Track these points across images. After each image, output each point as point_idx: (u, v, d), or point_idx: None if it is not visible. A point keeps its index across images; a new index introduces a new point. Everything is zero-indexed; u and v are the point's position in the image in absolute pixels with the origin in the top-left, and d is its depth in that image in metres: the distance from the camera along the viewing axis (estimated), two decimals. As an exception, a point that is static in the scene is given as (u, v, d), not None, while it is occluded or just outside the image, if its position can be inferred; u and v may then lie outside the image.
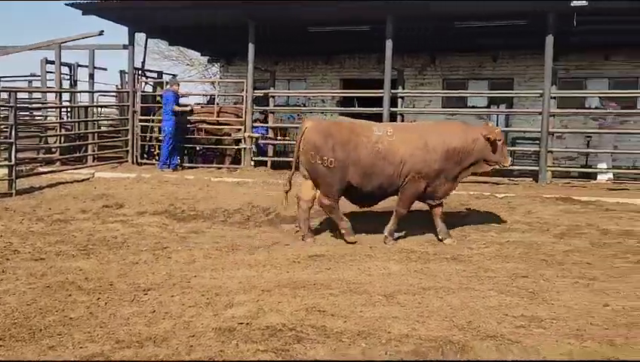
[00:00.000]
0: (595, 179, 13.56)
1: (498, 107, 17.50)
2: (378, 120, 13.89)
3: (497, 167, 7.84)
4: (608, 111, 13.85)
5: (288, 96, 19.68)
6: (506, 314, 4.74)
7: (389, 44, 13.16)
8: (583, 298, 5.20)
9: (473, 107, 17.61)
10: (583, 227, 8.24)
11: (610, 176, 13.54)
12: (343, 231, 7.52)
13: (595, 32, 14.40)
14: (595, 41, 15.51)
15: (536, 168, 12.58)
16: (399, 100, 13.96)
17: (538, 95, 12.86)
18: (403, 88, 15.09)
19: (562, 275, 5.98)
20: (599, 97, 15.68)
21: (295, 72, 19.88)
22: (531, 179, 12.67)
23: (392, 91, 13.49)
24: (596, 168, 14.03)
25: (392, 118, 13.60)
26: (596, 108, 15.78)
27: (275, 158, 14.80)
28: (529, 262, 6.52)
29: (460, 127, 7.76)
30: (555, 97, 12.84)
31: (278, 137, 16.10)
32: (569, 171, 14.16)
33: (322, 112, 19.02)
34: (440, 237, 7.57)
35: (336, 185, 7.41)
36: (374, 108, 13.42)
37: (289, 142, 17.32)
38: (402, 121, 14.49)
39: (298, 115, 19.48)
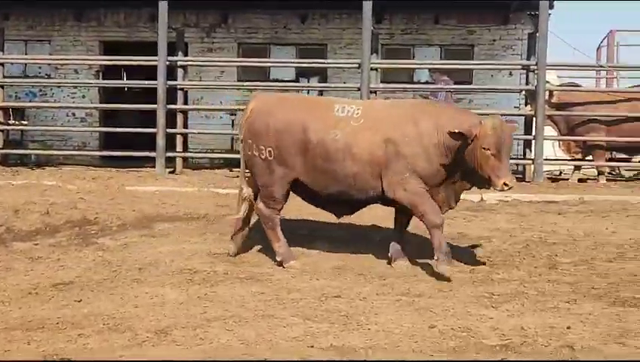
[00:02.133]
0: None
1: (309, 81, 18.07)
2: (150, 97, 13.82)
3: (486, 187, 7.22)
4: (440, 87, 14.85)
5: (25, 64, 18.72)
6: (311, 346, 4.93)
7: (163, -6, 13.12)
8: (405, 319, 5.55)
9: (277, 80, 18.02)
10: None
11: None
12: (278, 257, 7.36)
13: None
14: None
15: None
16: (179, 71, 13.92)
17: (356, 65, 13.49)
18: (185, 55, 15.07)
19: (383, 292, 6.34)
20: (428, 69, 16.78)
21: (35, 30, 18.94)
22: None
23: (170, 59, 13.44)
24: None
25: (170, 93, 13.54)
26: (427, 82, 16.87)
27: (7, 151, 14.13)
28: (343, 278, 6.83)
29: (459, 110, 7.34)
30: (377, 69, 13.55)
31: (10, 121, 15.35)
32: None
33: (75, 86, 18.36)
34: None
35: (277, 187, 7.28)
36: (146, 82, 13.26)
37: (27, 128, 16.60)
38: (185, 98, 14.48)
39: (40, 90, 18.65)
